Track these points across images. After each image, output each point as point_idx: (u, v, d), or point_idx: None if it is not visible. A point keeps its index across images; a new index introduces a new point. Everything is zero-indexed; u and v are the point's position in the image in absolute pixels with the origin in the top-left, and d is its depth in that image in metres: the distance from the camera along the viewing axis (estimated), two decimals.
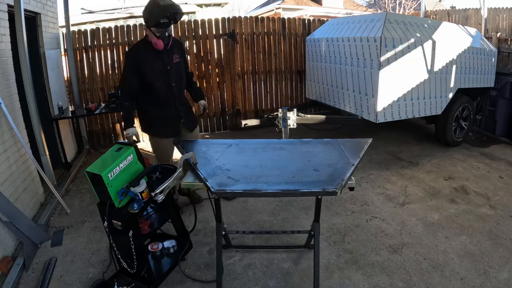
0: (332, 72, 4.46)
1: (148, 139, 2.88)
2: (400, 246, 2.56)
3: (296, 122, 3.95)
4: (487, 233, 2.69)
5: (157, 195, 1.80)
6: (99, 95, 5.02)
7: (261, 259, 2.45)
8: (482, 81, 4.58)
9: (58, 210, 3.23)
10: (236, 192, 1.80)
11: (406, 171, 3.88)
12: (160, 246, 2.38)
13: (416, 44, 3.74)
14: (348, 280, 2.24)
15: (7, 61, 3.02)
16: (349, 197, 3.29)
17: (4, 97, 2.82)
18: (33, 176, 3.20)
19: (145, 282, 2.12)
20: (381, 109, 3.76)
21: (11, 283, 2.22)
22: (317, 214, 2.12)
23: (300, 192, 1.72)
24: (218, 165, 1.98)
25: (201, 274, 2.33)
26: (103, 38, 4.91)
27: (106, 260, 2.48)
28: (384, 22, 3.63)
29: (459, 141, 4.61)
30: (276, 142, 2.46)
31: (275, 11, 14.29)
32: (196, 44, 5.24)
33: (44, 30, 4.06)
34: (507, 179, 3.63)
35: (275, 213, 3.06)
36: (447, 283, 2.18)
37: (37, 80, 3.86)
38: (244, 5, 25.29)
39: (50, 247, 2.67)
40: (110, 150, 2.02)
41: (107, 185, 1.85)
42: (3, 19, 2.99)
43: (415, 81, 3.85)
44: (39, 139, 3.37)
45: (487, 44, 4.68)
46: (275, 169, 1.95)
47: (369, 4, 16.81)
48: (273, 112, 4.59)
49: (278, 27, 5.56)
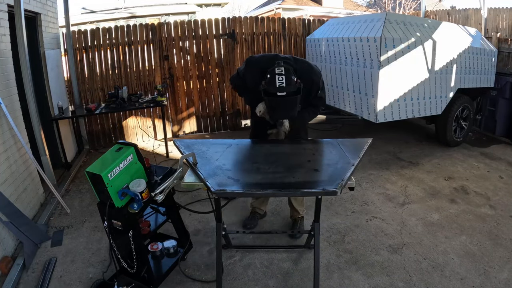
0: (332, 72, 4.46)
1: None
2: (400, 246, 2.56)
3: None
4: (487, 233, 2.69)
5: (157, 195, 1.80)
6: (99, 95, 5.02)
7: (261, 259, 2.45)
8: (482, 81, 4.57)
9: (58, 210, 3.23)
10: (236, 192, 1.80)
11: (406, 171, 3.88)
12: (160, 246, 2.38)
13: (416, 44, 3.74)
14: (348, 280, 2.24)
15: (7, 61, 3.02)
16: (349, 197, 3.29)
17: (4, 97, 2.82)
18: (33, 176, 3.20)
19: (145, 282, 2.12)
20: (381, 109, 3.76)
21: (11, 283, 2.22)
22: (317, 214, 2.12)
23: (300, 192, 1.72)
24: (218, 165, 1.98)
25: (201, 274, 2.33)
26: (103, 38, 4.91)
27: (106, 260, 2.48)
28: (384, 22, 3.63)
29: (459, 141, 4.61)
30: (276, 142, 2.46)
31: (275, 11, 14.28)
32: (196, 44, 5.24)
33: (44, 30, 4.06)
34: (507, 179, 3.63)
35: (275, 213, 3.06)
36: (447, 283, 2.18)
37: (37, 80, 3.85)
38: (244, 5, 25.25)
39: (50, 247, 2.67)
40: (110, 150, 2.01)
41: (107, 185, 1.84)
42: (3, 19, 2.98)
43: (415, 81, 3.85)
44: (39, 139, 3.37)
45: (487, 44, 4.68)
46: (275, 169, 1.95)
47: (369, 4, 16.81)
48: None
49: (278, 27, 5.56)
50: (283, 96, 1.98)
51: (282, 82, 1.97)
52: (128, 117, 5.23)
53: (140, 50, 5.08)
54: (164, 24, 5.16)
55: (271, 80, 1.99)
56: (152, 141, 5.31)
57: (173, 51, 5.20)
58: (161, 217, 2.39)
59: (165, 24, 5.16)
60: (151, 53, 5.11)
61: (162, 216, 2.40)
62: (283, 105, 2.03)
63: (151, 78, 5.17)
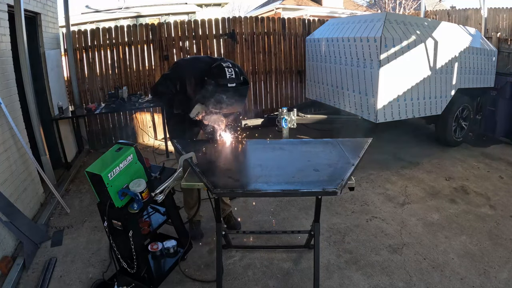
0: (332, 72, 4.46)
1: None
2: (400, 246, 2.56)
3: (296, 122, 3.95)
4: (487, 233, 2.69)
5: (157, 195, 1.80)
6: (99, 95, 5.02)
7: (261, 259, 2.45)
8: (482, 81, 4.57)
9: (58, 210, 3.23)
10: (236, 192, 1.80)
11: (406, 171, 3.88)
12: (160, 246, 2.38)
13: (416, 44, 3.74)
14: (348, 280, 2.24)
15: (7, 61, 3.02)
16: (349, 197, 3.29)
17: (4, 97, 2.82)
18: (33, 176, 3.20)
19: (145, 282, 2.12)
20: (381, 109, 3.76)
21: (11, 283, 2.22)
22: (317, 214, 2.12)
23: (300, 192, 1.71)
24: (218, 165, 1.98)
25: (201, 274, 2.32)
26: (103, 38, 4.91)
27: (106, 260, 2.48)
28: (384, 22, 3.63)
29: (459, 141, 4.61)
30: (276, 142, 2.46)
31: (275, 11, 14.27)
32: (196, 44, 5.24)
33: (44, 30, 4.05)
34: (507, 179, 3.63)
35: (275, 213, 3.06)
36: (447, 283, 2.18)
37: (37, 80, 3.85)
38: (244, 5, 25.27)
39: (50, 247, 2.67)
40: (110, 150, 2.01)
41: (107, 185, 1.84)
42: (3, 19, 2.98)
43: (415, 81, 3.85)
44: (39, 139, 3.37)
45: (487, 44, 4.68)
46: (275, 169, 1.95)
47: (369, 4, 16.79)
48: (273, 112, 4.59)
49: (278, 27, 5.56)
50: (235, 87, 2.00)
51: (232, 74, 2.00)
52: (128, 117, 5.23)
53: (140, 50, 5.08)
54: (164, 24, 5.16)
55: (221, 73, 2.00)
56: (152, 141, 5.31)
57: (173, 51, 5.20)
58: (161, 217, 2.39)
59: (165, 24, 5.16)
60: (151, 53, 5.11)
61: (162, 216, 2.40)
62: (236, 95, 2.03)
63: (151, 78, 5.17)
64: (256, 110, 5.73)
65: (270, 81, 5.73)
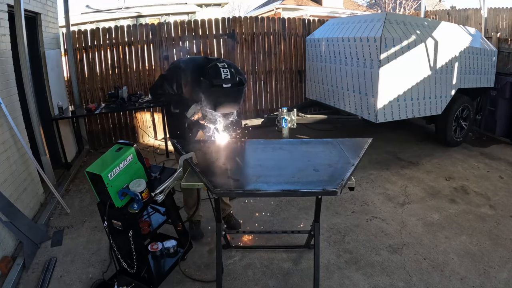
0: (332, 72, 4.46)
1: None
2: (400, 246, 2.56)
3: (296, 122, 3.95)
4: (487, 233, 2.69)
5: (157, 195, 1.80)
6: (99, 95, 5.02)
7: (261, 259, 2.45)
8: (482, 81, 4.57)
9: (58, 210, 3.23)
10: (236, 192, 1.80)
11: (406, 171, 3.88)
12: (160, 246, 2.38)
13: (416, 44, 3.74)
14: (348, 280, 2.24)
15: (7, 61, 3.02)
16: (349, 197, 3.29)
17: (4, 97, 2.82)
18: (33, 176, 3.20)
19: (145, 282, 2.12)
20: (381, 109, 3.76)
21: (11, 283, 2.22)
22: (317, 214, 2.12)
23: (300, 192, 1.71)
24: (218, 165, 1.98)
25: (201, 274, 2.33)
26: (103, 38, 4.91)
27: (106, 260, 2.48)
28: (384, 22, 3.63)
29: (459, 141, 4.61)
30: (276, 142, 2.45)
31: (275, 11, 14.26)
32: (196, 44, 5.24)
33: (44, 30, 4.05)
34: (507, 179, 3.63)
35: (275, 213, 3.06)
36: (447, 283, 2.18)
37: (37, 80, 3.85)
38: (244, 5, 25.28)
39: (50, 247, 2.67)
40: (110, 150, 2.01)
41: (107, 185, 1.84)
42: (3, 19, 2.98)
43: (415, 81, 3.85)
44: (39, 139, 3.37)
45: (487, 44, 4.68)
46: (275, 169, 1.95)
47: (369, 4, 16.78)
48: (273, 112, 4.59)
49: (278, 27, 5.55)
50: (230, 87, 1.99)
51: (227, 74, 1.99)
52: (128, 117, 5.23)
53: (140, 50, 5.08)
54: (164, 24, 5.16)
55: (216, 73, 1.98)
56: (152, 141, 5.31)
57: (173, 51, 5.20)
58: (161, 217, 2.39)
59: (165, 24, 5.16)
60: (151, 53, 5.11)
61: (162, 216, 2.40)
62: (231, 96, 2.03)
63: (151, 78, 5.17)
64: (256, 110, 5.73)
65: (270, 81, 5.73)
